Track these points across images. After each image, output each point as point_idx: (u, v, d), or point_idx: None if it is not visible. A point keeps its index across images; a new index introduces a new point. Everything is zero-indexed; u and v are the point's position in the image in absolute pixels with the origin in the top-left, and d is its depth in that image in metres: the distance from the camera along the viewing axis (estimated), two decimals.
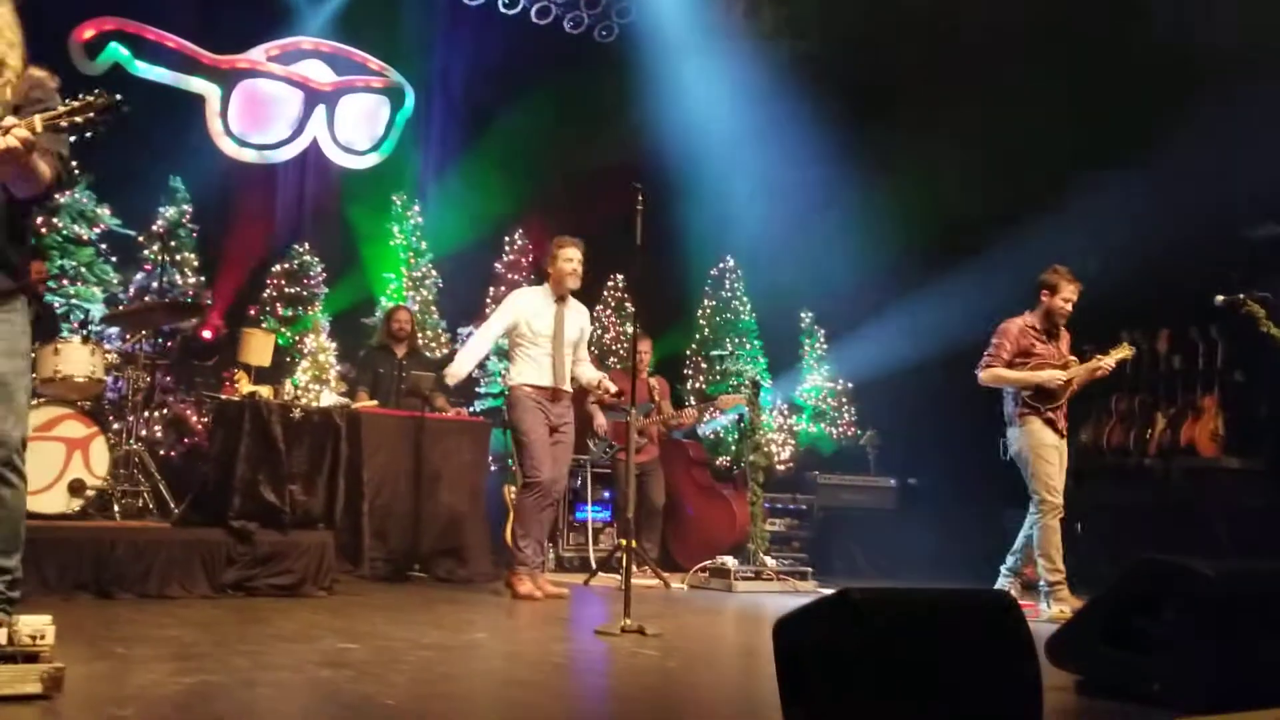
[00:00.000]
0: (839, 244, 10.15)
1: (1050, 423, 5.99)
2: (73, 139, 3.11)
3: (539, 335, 6.07)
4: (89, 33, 8.90)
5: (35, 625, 2.79)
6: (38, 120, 2.94)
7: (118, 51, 9.02)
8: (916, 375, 9.87)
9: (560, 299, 6.17)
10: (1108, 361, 6.02)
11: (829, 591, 3.00)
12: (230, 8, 9.65)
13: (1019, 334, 6.04)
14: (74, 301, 7.98)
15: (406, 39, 10.68)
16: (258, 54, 9.87)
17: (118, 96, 3.08)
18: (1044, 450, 5.94)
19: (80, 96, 3.05)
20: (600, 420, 8.06)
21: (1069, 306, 6.05)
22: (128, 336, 7.60)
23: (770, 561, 7.37)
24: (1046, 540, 5.89)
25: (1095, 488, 8.60)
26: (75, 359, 6.07)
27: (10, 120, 2.93)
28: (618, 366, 9.49)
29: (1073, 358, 6.11)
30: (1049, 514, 5.92)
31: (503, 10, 10.62)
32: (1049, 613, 5.87)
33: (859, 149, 10.03)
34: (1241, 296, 6.01)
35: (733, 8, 11.10)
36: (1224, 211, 8.35)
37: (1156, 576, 3.50)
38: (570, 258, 6.15)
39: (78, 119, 3.00)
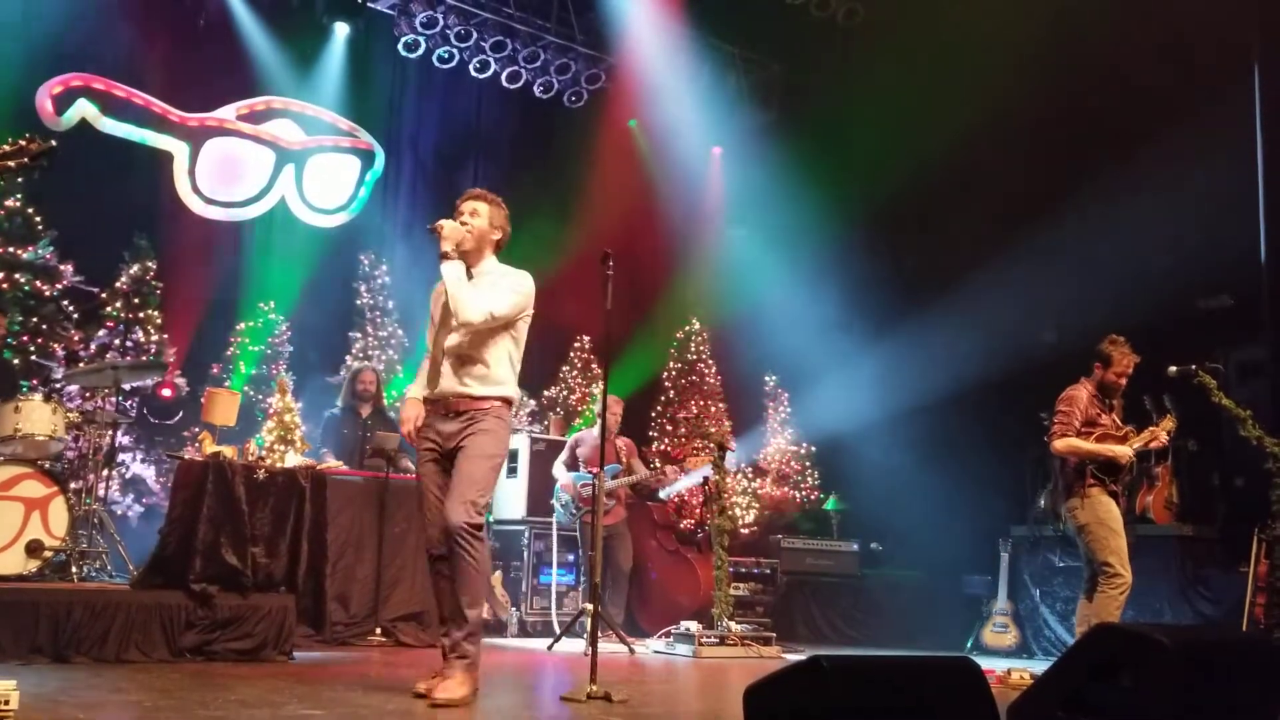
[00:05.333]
0: (804, 311, 10.34)
1: (1114, 495, 5.81)
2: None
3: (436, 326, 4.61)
4: (57, 89, 8.92)
5: None
6: None
7: (86, 107, 9.04)
8: (879, 439, 10.00)
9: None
10: (1160, 434, 5.91)
11: (794, 656, 3.03)
12: (200, 67, 9.72)
13: (1088, 403, 5.84)
14: (34, 358, 7.90)
15: (377, 100, 10.80)
16: (227, 112, 9.93)
17: (51, 143, 3.13)
18: (1113, 522, 5.72)
19: (11, 141, 3.09)
20: (565, 481, 8.06)
21: (1123, 381, 5.88)
22: (89, 394, 7.53)
23: (735, 626, 7.37)
24: (1109, 612, 5.58)
25: (1050, 553, 8.71)
26: (36, 417, 6.02)
27: None
28: (583, 427, 9.51)
29: (1130, 428, 5.94)
30: (1119, 587, 5.63)
31: (473, 74, 10.77)
32: None
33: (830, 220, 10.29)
34: (1194, 367, 6.16)
35: (700, 73, 11.35)
36: (1177, 282, 8.62)
37: (1113, 644, 3.56)
38: (459, 210, 4.60)
39: (10, 163, 3.03)
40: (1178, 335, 8.22)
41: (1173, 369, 6.15)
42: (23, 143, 3.08)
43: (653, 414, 10.73)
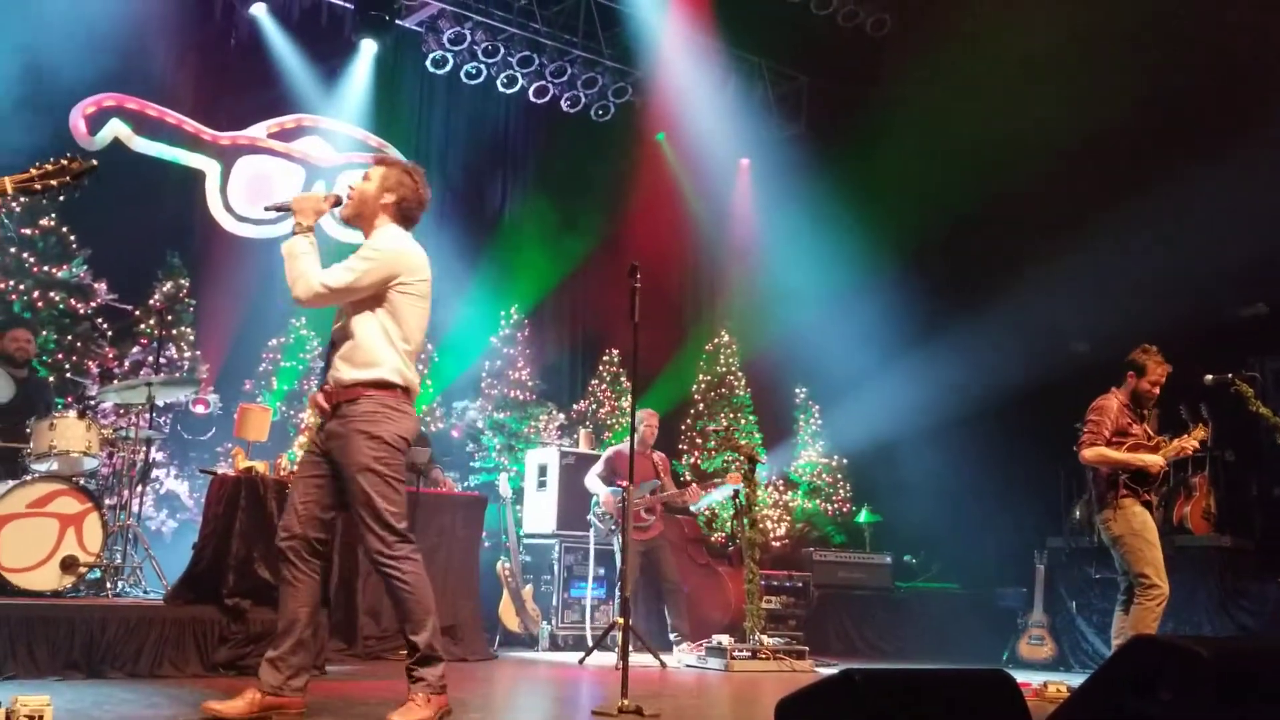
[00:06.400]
0: (835, 323, 10.30)
1: (1147, 505, 5.73)
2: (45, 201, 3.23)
3: None
4: (90, 109, 9.05)
5: (34, 705, 2.78)
6: (8, 181, 3.02)
7: (118, 127, 9.16)
8: (912, 451, 9.93)
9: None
10: (1191, 443, 5.83)
11: (827, 671, 3.00)
12: (231, 86, 9.83)
13: (1119, 413, 5.77)
14: (69, 376, 7.99)
15: (405, 116, 10.88)
16: (258, 131, 10.04)
17: (92, 162, 3.19)
18: (1147, 533, 5.64)
19: (53, 160, 3.15)
20: (606, 495, 8.02)
21: (1156, 390, 5.81)
22: (123, 411, 7.60)
23: (767, 640, 7.32)
24: (1145, 623, 5.50)
25: (1086, 565, 8.60)
26: (71, 434, 6.07)
27: None
28: (614, 443, 9.48)
29: (1162, 437, 5.88)
30: (1156, 599, 5.54)
31: (501, 89, 10.82)
32: None
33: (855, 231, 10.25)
34: (1230, 376, 6.08)
35: (725, 83, 11.37)
36: (1213, 291, 8.51)
37: (1151, 656, 3.50)
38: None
39: (52, 182, 3.08)
40: (1213, 344, 8.12)
41: (1209, 377, 6.07)
42: (64, 161, 3.14)
43: (683, 427, 10.71)
